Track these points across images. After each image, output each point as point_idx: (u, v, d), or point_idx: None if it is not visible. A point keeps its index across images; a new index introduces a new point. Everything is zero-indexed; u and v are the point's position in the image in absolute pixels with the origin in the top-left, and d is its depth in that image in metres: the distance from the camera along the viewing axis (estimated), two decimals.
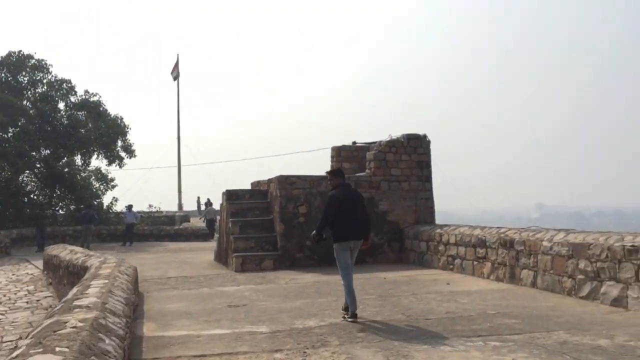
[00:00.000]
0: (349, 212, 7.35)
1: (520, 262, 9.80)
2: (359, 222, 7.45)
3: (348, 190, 7.64)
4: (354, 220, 7.39)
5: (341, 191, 7.53)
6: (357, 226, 7.43)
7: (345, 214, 7.33)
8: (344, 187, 7.64)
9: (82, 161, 30.05)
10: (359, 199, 7.69)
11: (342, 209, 7.33)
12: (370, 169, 14.59)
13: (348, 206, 7.38)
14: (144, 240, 27.21)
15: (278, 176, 13.97)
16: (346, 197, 7.46)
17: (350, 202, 7.43)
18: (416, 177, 14.65)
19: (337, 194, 7.50)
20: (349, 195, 7.51)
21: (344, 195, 7.47)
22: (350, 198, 7.49)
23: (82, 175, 32.79)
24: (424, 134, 14.92)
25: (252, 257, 13.42)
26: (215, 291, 10.13)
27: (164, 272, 13.61)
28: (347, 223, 7.33)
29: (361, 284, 10.44)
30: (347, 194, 7.53)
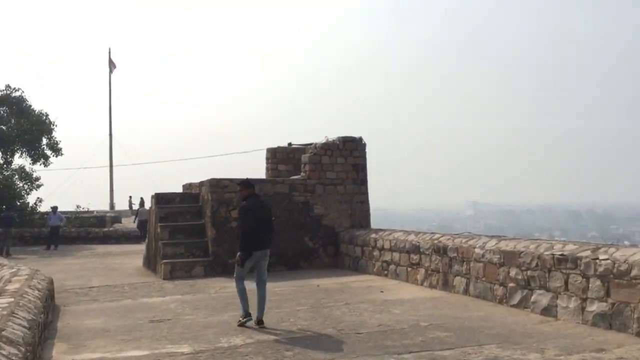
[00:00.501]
0: (260, 222, 7.52)
1: (453, 269, 9.74)
2: (269, 231, 7.67)
3: (259, 201, 7.83)
4: (264, 231, 7.58)
5: (253, 202, 7.70)
6: (266, 236, 7.63)
7: (258, 224, 7.49)
8: (254, 198, 7.80)
9: (2, 159, 28.32)
10: (268, 209, 7.91)
11: (257, 219, 7.49)
12: (305, 172, 14.30)
13: (261, 216, 7.55)
14: (70, 243, 25.88)
15: (209, 179, 13.47)
16: (257, 207, 7.62)
17: (262, 212, 7.62)
18: (352, 180, 14.47)
19: (251, 204, 7.63)
20: (259, 206, 7.69)
21: (256, 205, 7.63)
22: (261, 208, 7.67)
23: (5, 174, 30.98)
24: (359, 137, 14.76)
25: (182, 264, 12.87)
26: (138, 303, 9.57)
27: (87, 280, 12.87)
28: (257, 233, 7.49)
29: (294, 293, 10.16)
30: (258, 204, 7.71)
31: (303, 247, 13.87)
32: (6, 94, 26.67)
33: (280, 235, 13.61)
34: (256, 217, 7.48)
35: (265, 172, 17.19)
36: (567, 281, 7.41)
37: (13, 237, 21.38)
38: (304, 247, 13.88)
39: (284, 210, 13.77)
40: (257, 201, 7.77)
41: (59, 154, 29.62)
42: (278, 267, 13.53)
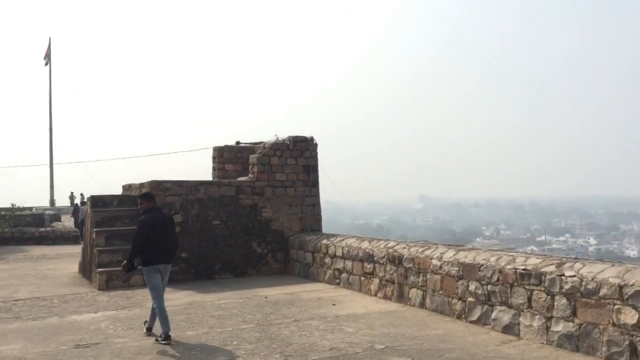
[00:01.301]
0: (159, 236, 7.47)
1: (409, 280, 9.22)
2: (169, 246, 7.64)
3: (159, 214, 7.69)
4: (164, 245, 7.53)
5: (152, 216, 7.57)
6: (167, 250, 7.60)
7: (156, 238, 7.43)
8: (154, 212, 7.68)
9: None
10: (170, 222, 7.82)
11: (154, 234, 7.42)
12: (253, 173, 13.55)
13: (159, 231, 7.48)
14: (4, 244, 24.36)
15: (150, 181, 12.55)
16: (157, 221, 7.53)
17: (161, 227, 7.53)
18: (302, 182, 13.81)
19: (148, 219, 7.53)
20: (160, 220, 7.58)
21: (155, 219, 7.53)
22: (161, 222, 7.58)
23: None
24: (310, 136, 14.10)
25: (119, 273, 11.91)
26: (66, 322, 8.64)
27: (13, 291, 11.77)
28: (157, 247, 7.46)
29: (239, 306, 9.44)
30: (158, 218, 7.59)
31: (251, 253, 13.15)
32: None
33: (227, 241, 12.87)
34: (152, 232, 7.40)
35: (212, 172, 16.35)
36: (531, 298, 6.97)
37: None
38: (251, 253, 13.16)
39: (230, 214, 13.00)
40: (156, 215, 7.63)
41: None
42: (224, 274, 12.81)
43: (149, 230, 7.41)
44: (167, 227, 7.64)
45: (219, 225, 12.88)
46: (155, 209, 7.76)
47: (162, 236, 7.49)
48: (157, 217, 7.58)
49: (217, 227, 12.85)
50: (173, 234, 7.79)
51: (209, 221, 12.79)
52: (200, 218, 12.71)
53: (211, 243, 12.77)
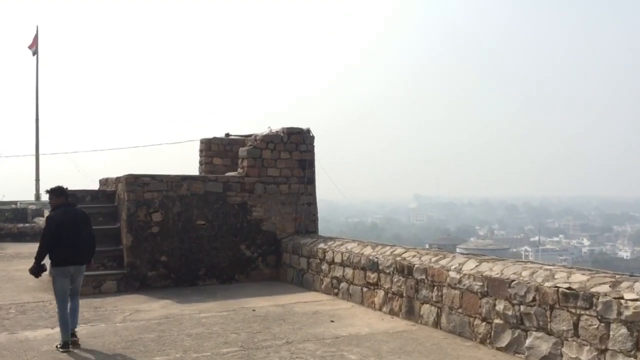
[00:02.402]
0: (68, 235, 6.90)
1: (420, 295, 7.92)
2: (81, 245, 7.04)
3: (69, 211, 7.10)
4: (75, 244, 6.96)
5: (61, 212, 7.02)
6: (78, 250, 7.01)
7: (64, 237, 6.86)
8: (64, 208, 7.12)
9: None
10: (83, 219, 7.19)
11: (61, 232, 6.85)
12: (243, 168, 12.20)
13: (68, 229, 6.91)
14: None
15: (126, 175, 11.18)
16: (66, 218, 6.96)
17: (70, 224, 6.96)
18: (297, 178, 12.47)
19: (56, 215, 6.99)
20: (69, 217, 7.02)
21: (64, 216, 6.97)
22: (71, 219, 7.01)
23: None
24: (307, 128, 12.76)
25: (89, 278, 10.50)
26: (14, 340, 7.28)
27: None
28: (66, 247, 6.88)
29: (222, 322, 8.11)
30: (67, 215, 7.02)
31: (239, 257, 11.81)
32: None
33: (212, 243, 11.55)
34: (59, 230, 6.82)
35: (198, 166, 15.00)
36: (578, 324, 5.67)
37: None
38: (240, 257, 11.81)
39: (217, 213, 11.65)
40: (66, 211, 7.05)
41: None
42: (209, 280, 11.48)
43: (56, 227, 6.83)
44: (80, 224, 7.04)
45: (204, 226, 11.53)
46: (67, 205, 7.17)
47: (72, 235, 6.90)
48: (67, 213, 7.00)
49: (201, 227, 11.51)
50: (88, 232, 7.15)
51: (193, 221, 11.44)
52: (182, 217, 11.35)
53: (194, 245, 11.42)
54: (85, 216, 7.30)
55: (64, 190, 7.32)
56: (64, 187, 7.38)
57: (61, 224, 6.90)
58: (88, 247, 7.16)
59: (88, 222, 7.25)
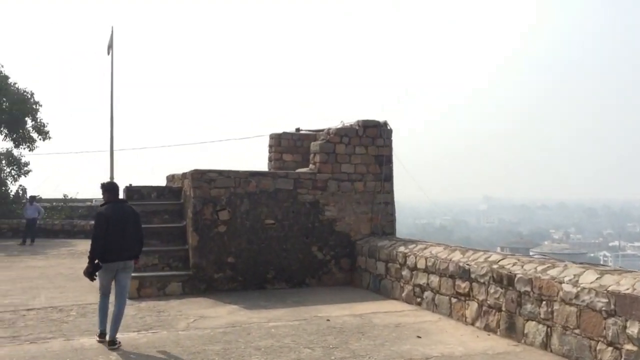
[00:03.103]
0: (115, 232, 6.80)
1: (524, 310, 6.76)
2: (127, 243, 6.91)
3: (117, 208, 6.98)
4: (120, 241, 6.85)
5: (110, 209, 6.92)
6: (123, 247, 6.88)
7: (112, 234, 6.77)
8: (114, 204, 7.01)
9: None
10: (131, 217, 7.03)
11: (110, 228, 6.76)
12: (315, 164, 11.33)
13: (114, 225, 6.81)
14: (52, 237, 23.23)
15: (192, 170, 10.53)
16: (115, 215, 6.87)
17: (117, 221, 6.85)
18: (373, 175, 11.47)
19: (105, 212, 6.90)
20: (118, 213, 6.91)
21: (112, 213, 6.87)
22: (119, 216, 6.89)
23: None
24: (384, 121, 11.74)
25: (154, 279, 9.98)
26: (69, 348, 6.67)
27: (32, 296, 10.04)
28: (113, 243, 6.78)
29: (294, 333, 7.23)
30: (115, 212, 6.91)
31: (310, 259, 10.94)
32: None
33: (282, 244, 10.74)
34: (109, 226, 6.74)
35: (267, 162, 14.28)
36: None
37: None
38: (311, 259, 10.95)
39: (287, 212, 10.83)
40: (115, 207, 6.95)
41: (46, 137, 26.78)
42: (278, 283, 10.66)
43: (104, 223, 6.74)
44: (127, 221, 6.92)
45: (273, 225, 10.74)
46: (116, 202, 7.05)
47: (118, 232, 6.78)
48: (115, 209, 6.89)
49: (270, 227, 10.72)
50: (136, 230, 7.01)
51: (261, 220, 10.67)
52: (250, 216, 10.60)
53: (263, 246, 10.64)
54: (134, 214, 7.12)
55: (114, 187, 7.23)
56: (114, 184, 7.34)
57: (110, 221, 6.78)
58: (134, 245, 7.00)
59: (137, 220, 7.08)
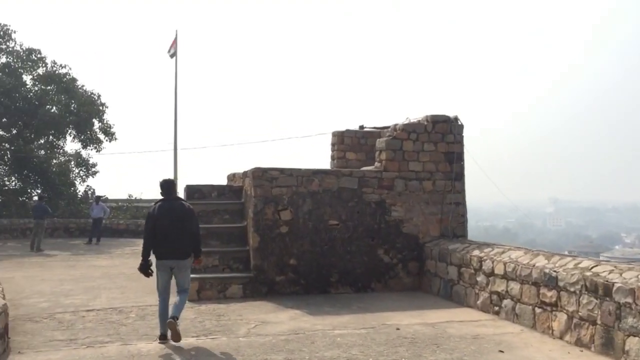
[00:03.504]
0: (165, 229, 6.75)
1: (625, 324, 5.95)
2: (179, 240, 6.79)
3: (168, 206, 6.88)
4: (171, 238, 6.76)
5: (158, 207, 6.88)
6: (175, 245, 6.78)
7: (161, 231, 6.75)
8: (163, 202, 6.94)
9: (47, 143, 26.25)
10: (183, 214, 6.86)
11: (158, 226, 6.76)
12: (380, 162, 10.73)
13: (165, 223, 6.75)
14: (118, 236, 23.59)
15: (253, 169, 10.15)
16: (164, 212, 6.80)
17: (167, 219, 6.77)
18: (443, 174, 10.77)
19: (152, 211, 6.93)
20: (168, 211, 6.81)
21: (159, 211, 6.82)
22: (170, 214, 6.80)
23: (61, 159, 29.15)
24: (454, 116, 11.02)
25: (214, 281, 9.64)
26: (125, 354, 6.34)
27: (93, 296, 9.91)
28: (162, 241, 6.77)
29: (361, 343, 6.67)
30: (166, 209, 6.83)
31: (376, 262, 10.35)
32: (52, 71, 24.42)
33: (346, 246, 10.20)
34: (156, 224, 6.76)
35: (330, 161, 13.80)
36: None
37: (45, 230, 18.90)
38: (377, 262, 10.36)
39: (351, 212, 10.29)
40: (164, 205, 6.87)
41: (113, 138, 27.34)
42: (342, 287, 10.14)
43: (153, 222, 6.78)
44: (178, 219, 6.78)
45: (337, 226, 10.22)
46: (169, 200, 6.94)
47: (169, 229, 6.72)
48: (163, 208, 6.81)
49: (334, 228, 10.20)
50: (187, 226, 6.83)
51: (325, 220, 10.17)
52: (313, 216, 10.12)
53: (326, 248, 10.14)
54: (187, 211, 6.93)
55: (165, 184, 7.09)
56: (167, 182, 7.16)
57: (158, 218, 6.75)
58: (185, 243, 6.84)
59: (189, 218, 6.90)
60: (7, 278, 11.88)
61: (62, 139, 26.56)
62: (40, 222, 18.11)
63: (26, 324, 7.67)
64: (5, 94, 23.17)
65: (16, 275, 12.47)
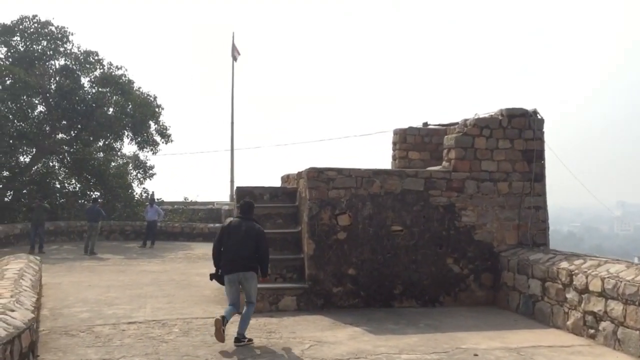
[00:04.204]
0: (233, 243, 7.04)
1: None
2: (243, 257, 7.00)
3: (241, 223, 7.17)
4: (236, 254, 7.01)
5: (232, 222, 7.26)
6: (239, 260, 7.00)
7: (229, 246, 7.06)
8: (239, 220, 7.24)
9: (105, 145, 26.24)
10: (253, 234, 7.06)
11: (230, 240, 7.07)
12: (449, 161, 9.64)
13: (234, 239, 7.05)
14: (172, 239, 23.25)
15: (308, 169, 9.26)
16: (234, 229, 7.12)
17: (238, 234, 7.06)
18: (520, 174, 9.58)
19: (226, 224, 7.33)
20: (239, 228, 7.11)
21: (232, 227, 7.16)
22: (239, 231, 7.08)
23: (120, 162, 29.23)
24: (533, 109, 9.81)
25: (266, 291, 8.79)
26: None
27: (138, 305, 9.25)
28: (230, 255, 7.04)
29: None
30: (237, 226, 7.14)
31: (445, 273, 9.27)
32: (108, 73, 24.36)
33: (411, 254, 9.18)
34: (224, 238, 7.14)
35: (391, 161, 12.77)
36: None
37: (99, 233, 18.62)
38: (446, 273, 9.28)
39: (416, 217, 9.26)
40: (238, 223, 7.19)
41: (169, 140, 27.12)
42: (407, 301, 9.12)
43: (221, 235, 7.19)
44: (245, 236, 7.01)
45: (401, 232, 9.20)
46: (243, 218, 7.21)
47: (234, 245, 7.01)
48: (237, 224, 7.16)
49: (397, 234, 9.19)
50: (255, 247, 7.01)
51: (387, 226, 9.17)
52: (374, 221, 9.14)
53: (389, 256, 9.14)
54: (258, 232, 7.11)
55: (244, 205, 7.36)
56: (249, 203, 7.39)
57: (230, 233, 7.06)
58: (254, 259, 7.02)
59: (260, 238, 7.07)
60: (54, 284, 11.46)
61: (119, 141, 26.53)
62: (94, 225, 17.82)
63: (61, 339, 7.02)
64: (63, 96, 23.25)
65: (64, 280, 12.03)
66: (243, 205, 7.39)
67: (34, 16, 23.62)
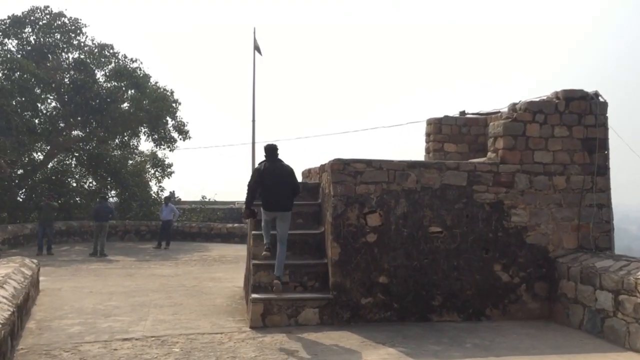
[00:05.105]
0: (268, 184, 7.72)
1: None
2: (281, 194, 7.72)
3: (272, 164, 7.85)
4: (274, 192, 7.71)
5: (265, 167, 7.84)
6: (278, 197, 7.72)
7: (266, 187, 7.72)
8: (270, 163, 7.87)
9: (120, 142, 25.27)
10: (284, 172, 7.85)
11: (263, 180, 7.74)
12: (496, 152, 8.30)
13: (269, 178, 7.72)
14: (190, 240, 22.25)
15: (332, 161, 8.01)
16: (267, 170, 7.78)
17: (271, 175, 7.73)
18: (580, 167, 8.21)
19: (259, 166, 7.99)
20: (271, 168, 7.80)
21: (265, 168, 7.81)
22: (272, 171, 7.77)
23: (137, 159, 28.34)
24: (594, 92, 8.43)
25: (284, 303, 7.57)
26: None
27: (140, 317, 8.10)
28: (268, 195, 7.73)
29: None
30: (269, 167, 7.81)
31: (491, 282, 7.95)
32: (122, 66, 23.35)
33: (452, 260, 7.87)
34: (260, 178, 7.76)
35: (424, 154, 11.49)
36: None
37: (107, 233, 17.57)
38: (492, 282, 7.95)
39: (458, 217, 7.95)
40: (270, 166, 7.81)
41: (186, 137, 26.08)
42: (447, 314, 7.81)
43: (258, 176, 7.77)
44: (281, 176, 7.76)
45: (440, 234, 7.91)
46: (271, 161, 7.84)
47: (273, 184, 7.69)
48: (268, 167, 7.80)
49: (436, 236, 7.90)
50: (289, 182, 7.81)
51: (424, 227, 7.89)
52: (409, 221, 7.86)
53: (426, 262, 7.85)
54: (287, 170, 7.88)
55: (270, 149, 7.95)
56: (272, 146, 7.98)
57: (264, 175, 7.71)
58: (289, 196, 7.79)
59: (291, 176, 7.89)
60: (53, 290, 10.43)
61: (135, 138, 25.58)
62: (104, 225, 16.80)
63: None
64: (76, 90, 22.32)
65: (65, 286, 10.97)
66: (268, 149, 7.98)
67: (46, 7, 22.75)
